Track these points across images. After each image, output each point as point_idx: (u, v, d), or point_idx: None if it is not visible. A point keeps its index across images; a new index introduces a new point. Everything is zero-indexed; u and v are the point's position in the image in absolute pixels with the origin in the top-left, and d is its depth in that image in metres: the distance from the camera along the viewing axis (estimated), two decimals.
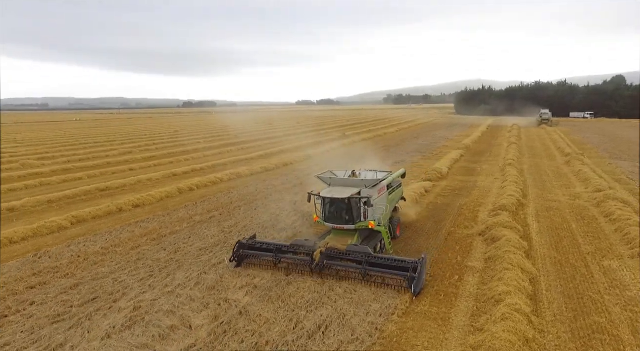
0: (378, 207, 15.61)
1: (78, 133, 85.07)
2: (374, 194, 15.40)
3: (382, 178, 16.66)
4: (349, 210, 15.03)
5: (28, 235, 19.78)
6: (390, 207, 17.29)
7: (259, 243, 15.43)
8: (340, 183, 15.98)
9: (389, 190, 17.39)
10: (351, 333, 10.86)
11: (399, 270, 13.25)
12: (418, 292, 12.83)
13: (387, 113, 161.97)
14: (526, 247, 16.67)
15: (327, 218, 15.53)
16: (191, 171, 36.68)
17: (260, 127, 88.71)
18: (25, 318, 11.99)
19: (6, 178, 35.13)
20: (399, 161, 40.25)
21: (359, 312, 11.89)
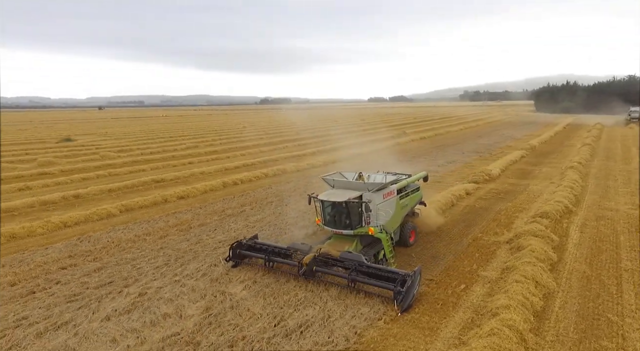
0: (382, 213, 14.84)
1: (159, 128, 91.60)
2: (377, 199, 14.69)
3: (388, 182, 15.56)
4: (347, 214, 14.47)
5: (80, 220, 21.89)
6: (402, 212, 16.32)
7: (259, 244, 15.35)
8: (344, 186, 15.41)
9: (402, 194, 16.41)
10: (329, 335, 10.78)
11: (388, 282, 12.37)
12: (406, 309, 11.82)
13: (459, 110, 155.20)
14: (554, 259, 15.33)
15: (327, 222, 15.01)
16: (242, 166, 38.11)
17: (324, 124, 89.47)
18: (47, 296, 13.36)
19: (84, 169, 38.99)
20: (450, 161, 38.63)
21: (346, 315, 11.75)
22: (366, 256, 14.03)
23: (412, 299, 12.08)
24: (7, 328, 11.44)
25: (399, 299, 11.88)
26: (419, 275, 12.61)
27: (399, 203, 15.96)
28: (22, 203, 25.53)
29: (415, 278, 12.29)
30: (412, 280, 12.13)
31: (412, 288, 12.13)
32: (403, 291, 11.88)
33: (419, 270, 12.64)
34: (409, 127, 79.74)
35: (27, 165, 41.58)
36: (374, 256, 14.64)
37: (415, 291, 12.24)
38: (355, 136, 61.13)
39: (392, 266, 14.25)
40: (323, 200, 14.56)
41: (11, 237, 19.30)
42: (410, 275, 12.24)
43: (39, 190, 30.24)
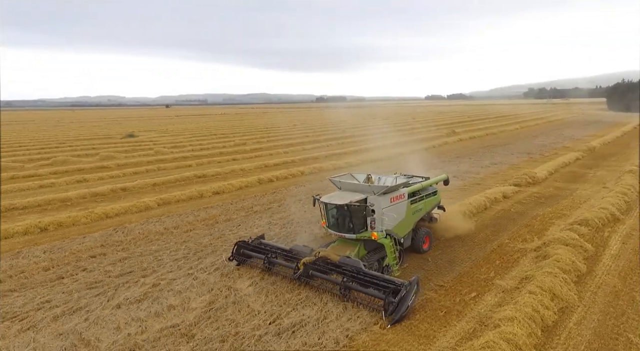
0: (387, 217, 14.24)
1: (215, 126, 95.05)
2: (383, 202, 14.14)
3: (395, 185, 14.91)
4: (350, 218, 14.09)
5: (121, 212, 23.30)
6: (414, 217, 15.65)
7: (263, 244, 15.38)
8: (350, 188, 15.03)
9: (415, 198, 15.71)
10: (319, 336, 10.73)
11: (381, 291, 11.82)
12: (397, 320, 11.21)
13: (519, 109, 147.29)
14: (582, 270, 14.23)
15: (330, 225, 14.68)
16: (282, 163, 38.71)
17: (373, 123, 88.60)
18: (72, 282, 14.38)
19: (137, 163, 41.47)
20: (496, 162, 36.86)
21: (342, 317, 11.62)
22: (369, 262, 13.68)
23: (406, 311, 11.46)
24: (31, 309, 12.45)
25: (389, 310, 11.36)
26: (416, 285, 11.93)
27: (410, 208, 15.32)
28: (76, 194, 27.59)
29: (410, 289, 11.64)
30: (406, 291, 11.52)
31: (406, 299, 11.49)
32: (395, 302, 11.32)
33: (415, 280, 11.98)
34: (461, 126, 76.97)
35: (90, 159, 44.87)
36: (377, 262, 14.18)
37: (410, 303, 11.60)
38: (402, 135, 60.02)
39: (395, 274, 13.83)
40: (325, 202, 14.25)
41: (58, 226, 20.93)
42: (405, 285, 11.62)
43: (94, 183, 32.52)
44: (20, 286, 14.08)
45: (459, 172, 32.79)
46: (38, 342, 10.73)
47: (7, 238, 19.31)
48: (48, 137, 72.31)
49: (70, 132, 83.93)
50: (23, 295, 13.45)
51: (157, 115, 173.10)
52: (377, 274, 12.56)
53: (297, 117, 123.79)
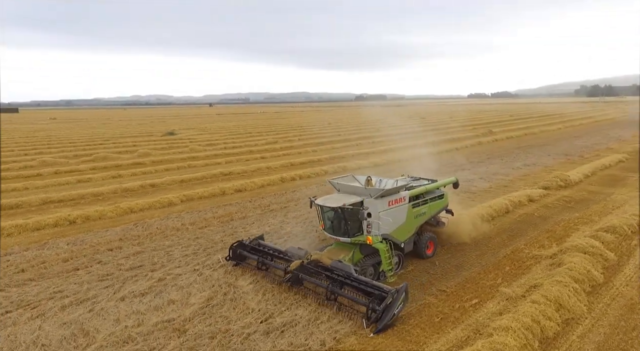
0: (384, 221, 13.77)
1: (252, 124, 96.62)
2: (380, 206, 13.73)
3: (394, 188, 14.47)
4: (345, 221, 13.74)
5: (145, 207, 24.19)
6: (416, 221, 15.12)
7: (261, 245, 15.34)
8: (348, 191, 14.72)
9: (417, 202, 15.30)
10: (307, 337, 10.70)
11: (367, 297, 11.53)
12: (381, 329, 10.79)
13: (568, 108, 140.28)
14: (598, 280, 13.44)
15: (326, 227, 14.41)
16: (308, 162, 38.86)
17: (409, 121, 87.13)
18: (86, 273, 15.08)
19: (171, 160, 42.84)
20: (529, 164, 35.36)
21: (334, 319, 11.53)
22: (363, 267, 13.37)
23: (391, 319, 11.02)
24: (43, 299, 13.17)
25: (372, 318, 11.02)
26: (404, 293, 11.40)
27: (411, 211, 14.87)
28: (108, 189, 28.92)
29: (397, 297, 11.18)
30: (392, 299, 11.13)
31: (392, 308, 11.05)
32: (379, 310, 10.94)
33: (403, 287, 11.48)
34: (499, 125, 74.30)
35: (129, 156, 46.69)
36: (373, 267, 13.78)
37: (396, 311, 11.15)
38: (435, 134, 58.74)
39: (390, 280, 13.45)
40: (319, 204, 14.04)
41: (86, 219, 22.01)
42: (392, 292, 11.21)
43: (127, 178, 33.91)
44: (38, 276, 14.92)
45: (487, 173, 31.72)
46: (43, 330, 11.33)
47: (38, 229, 20.51)
48: (96, 134, 75.87)
49: (117, 129, 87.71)
50: (39, 284, 14.25)
51: (200, 113, 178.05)
52: (367, 280, 12.18)
53: (334, 116, 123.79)
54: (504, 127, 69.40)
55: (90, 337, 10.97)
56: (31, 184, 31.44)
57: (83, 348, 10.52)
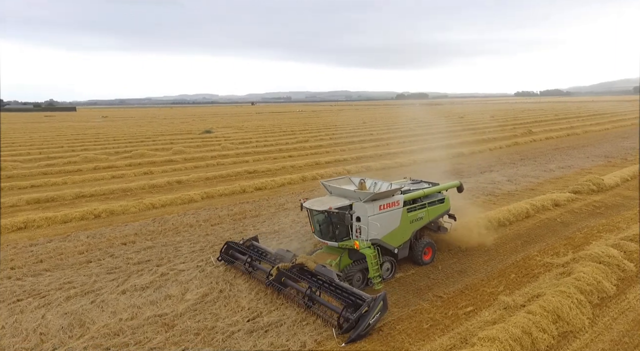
0: (373, 226, 13.32)
1: (288, 122, 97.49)
2: (369, 210, 13.28)
3: (384, 191, 13.86)
4: (332, 225, 13.47)
5: (166, 203, 25.00)
6: (412, 226, 14.60)
7: (253, 246, 15.34)
8: (339, 194, 14.38)
9: (414, 206, 14.71)
10: (288, 338, 10.72)
11: (343, 304, 11.15)
12: (354, 339, 10.39)
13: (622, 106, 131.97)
14: (609, 292, 12.63)
15: (316, 231, 14.18)
16: (333, 161, 38.76)
17: (446, 121, 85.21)
18: (96, 266, 15.80)
19: (202, 158, 43.98)
20: (564, 166, 33.60)
21: (320, 321, 11.49)
22: (349, 272, 13.03)
23: (366, 329, 10.60)
24: (52, 289, 13.92)
25: (345, 327, 10.63)
26: (381, 302, 10.95)
27: (406, 216, 14.38)
28: (137, 185, 30.11)
29: (373, 306, 10.75)
30: (368, 307, 10.73)
31: (367, 317, 10.62)
32: (352, 319, 10.57)
33: (381, 297, 11.03)
34: (541, 125, 71.08)
35: (164, 153, 48.41)
36: (361, 273, 13.35)
37: (372, 321, 10.69)
38: (471, 134, 57.08)
39: (377, 287, 13.05)
40: (307, 207, 13.81)
41: (110, 213, 23.05)
42: (368, 301, 10.81)
43: (157, 175, 35.20)
44: (54, 267, 15.78)
45: (516, 175, 30.43)
46: (45, 319, 11.96)
47: (66, 222, 21.69)
48: (139, 132, 79.04)
49: (160, 127, 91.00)
50: (53, 274, 15.07)
51: (241, 112, 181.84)
52: (347, 286, 11.81)
53: (370, 115, 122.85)
54: (546, 127, 66.33)
55: (85, 328, 11.47)
56: (70, 179, 33.26)
57: (77, 338, 11.03)
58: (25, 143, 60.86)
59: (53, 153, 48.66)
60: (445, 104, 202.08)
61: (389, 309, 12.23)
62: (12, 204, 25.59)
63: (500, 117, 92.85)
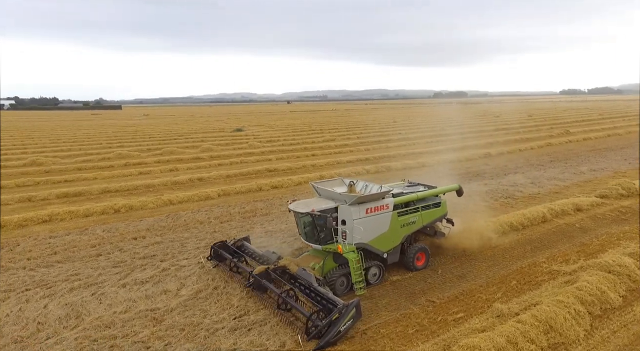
0: (359, 229, 12.99)
1: (319, 121, 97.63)
2: (355, 213, 12.98)
3: (371, 194, 13.55)
4: (316, 227, 13.21)
5: (184, 200, 25.65)
6: (402, 230, 14.19)
7: (243, 247, 15.35)
8: (327, 196, 14.10)
9: (405, 210, 14.30)
10: (269, 338, 10.76)
11: (315, 310, 10.90)
12: (321, 347, 10.12)
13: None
14: (614, 303, 11.92)
15: (302, 233, 13.99)
16: (355, 161, 38.50)
17: (481, 120, 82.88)
18: (105, 259, 16.41)
19: (228, 155, 44.79)
20: (597, 169, 31.92)
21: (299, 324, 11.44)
22: (331, 277, 12.77)
23: (336, 336, 10.31)
24: (59, 280, 14.59)
25: (313, 333, 10.36)
26: (354, 309, 10.66)
27: (397, 220, 13.99)
28: (160, 181, 31.09)
29: (344, 313, 10.47)
30: (339, 314, 10.44)
31: (337, 324, 10.33)
32: (320, 325, 10.31)
33: (353, 304, 10.72)
34: (581, 125, 67.81)
35: (193, 150, 49.58)
36: (345, 277, 13.04)
37: (342, 328, 10.41)
38: (504, 134, 55.25)
39: (359, 293, 12.77)
40: (291, 209, 13.65)
41: (129, 208, 23.90)
42: (340, 308, 10.54)
43: (182, 172, 36.11)
44: (65, 259, 16.55)
45: (542, 178, 29.19)
46: (47, 309, 12.56)
47: (87, 216, 22.67)
48: (174, 129, 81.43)
49: (195, 125, 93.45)
50: (63, 266, 15.80)
51: (276, 110, 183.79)
52: (323, 291, 11.59)
53: (404, 114, 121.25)
54: (585, 127, 63.25)
55: (80, 319, 11.95)
56: (100, 175, 34.76)
57: (70, 328, 11.50)
58: (68, 139, 63.97)
59: (91, 150, 50.95)
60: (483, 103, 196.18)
61: (377, 312, 12.15)
62: (43, 198, 27.00)
63: (538, 117, 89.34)
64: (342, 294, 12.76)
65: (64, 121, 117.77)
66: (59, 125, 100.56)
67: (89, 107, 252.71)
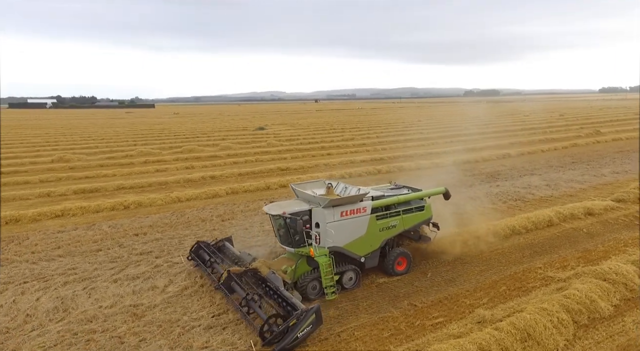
0: (332, 233, 12.70)
1: (343, 120, 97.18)
2: (329, 216, 12.70)
3: (345, 197, 13.25)
4: (288, 230, 13.01)
5: (192, 197, 26.09)
6: (381, 234, 13.83)
7: (224, 248, 15.31)
8: (304, 198, 13.83)
9: (385, 213, 13.95)
10: (240, 337, 10.76)
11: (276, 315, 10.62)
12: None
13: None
14: (603, 313, 11.38)
15: (277, 235, 13.82)
16: (368, 160, 38.15)
17: (507, 120, 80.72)
18: (103, 255, 16.85)
19: (244, 154, 45.30)
20: (618, 172, 30.49)
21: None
22: (303, 281, 12.61)
23: (292, 343, 10.04)
24: (56, 274, 15.09)
25: (268, 338, 10.13)
26: (313, 316, 10.32)
27: (375, 224, 13.67)
28: (174, 179, 31.72)
29: (303, 319, 10.16)
30: (297, 320, 10.15)
31: (295, 330, 10.03)
32: (276, 331, 10.07)
33: (313, 309, 10.39)
34: (614, 124, 64.92)
35: (212, 149, 50.25)
36: (318, 282, 12.84)
37: (300, 334, 10.10)
38: (530, 133, 53.58)
39: (330, 298, 12.55)
40: (265, 210, 13.51)
41: (138, 205, 24.48)
42: (298, 313, 10.25)
43: (197, 170, 36.66)
44: (67, 253, 17.12)
45: (559, 180, 28.13)
46: (38, 301, 12.99)
47: (97, 212, 23.39)
48: (199, 128, 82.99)
49: (220, 124, 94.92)
50: (63, 260, 16.35)
51: (302, 109, 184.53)
52: (287, 295, 11.35)
53: (430, 112, 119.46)
54: (618, 127, 60.55)
55: (67, 312, 12.32)
56: (119, 172, 35.81)
57: (56, 321, 11.86)
58: (98, 137, 66.18)
59: (116, 147, 52.49)
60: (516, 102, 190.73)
61: (356, 314, 12.03)
62: (61, 193, 28.06)
63: (570, 116, 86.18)
64: (315, 298, 12.64)
65: (99, 119, 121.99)
66: (93, 123, 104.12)
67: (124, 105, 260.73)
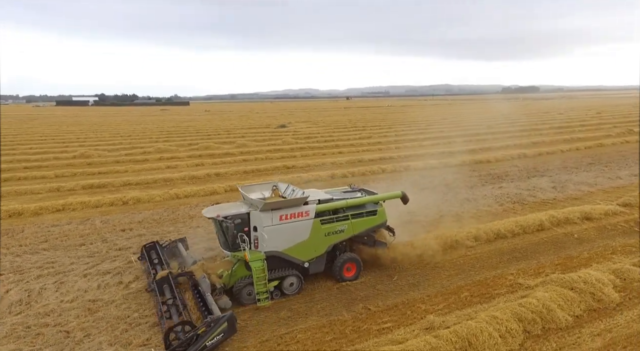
0: (267, 237, 12.51)
1: (367, 118, 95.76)
2: (266, 219, 12.49)
3: (285, 200, 13.00)
4: (224, 234, 12.77)
5: (190, 194, 26.46)
6: (327, 239, 13.43)
7: (176, 249, 15.24)
8: (247, 201, 13.50)
9: (331, 217, 13.53)
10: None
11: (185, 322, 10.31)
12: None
13: None
14: (560, 324, 10.78)
15: (218, 238, 13.57)
16: (378, 159, 37.59)
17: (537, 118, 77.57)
18: (84, 249, 17.20)
19: (257, 151, 45.53)
20: (636, 174, 28.66)
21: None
22: (238, 287, 12.36)
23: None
24: (35, 267, 15.54)
25: (173, 345, 9.76)
26: (225, 324, 9.99)
27: (320, 228, 13.27)
28: (179, 175, 32.25)
29: (212, 327, 9.82)
30: (206, 328, 9.82)
31: (203, 338, 9.66)
32: (182, 339, 9.73)
33: (225, 317, 10.08)
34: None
35: (228, 146, 50.67)
36: (251, 286, 12.49)
37: (210, 343, 9.72)
38: (556, 133, 51.33)
39: (262, 304, 12.26)
40: (203, 213, 13.24)
41: (137, 201, 25.03)
42: (208, 321, 9.96)
43: (207, 167, 37.21)
44: (51, 247, 17.70)
45: (568, 182, 26.75)
46: (8, 293, 13.46)
47: (97, 207, 24.05)
48: (224, 125, 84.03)
49: (245, 121, 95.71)
50: (45, 254, 16.88)
51: (331, 107, 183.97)
52: (210, 301, 11.23)
53: (460, 110, 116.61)
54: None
55: (29, 306, 12.67)
56: (131, 168, 36.78)
57: (15, 314, 12.20)
58: (125, 133, 68.16)
59: (138, 144, 53.91)
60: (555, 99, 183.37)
61: (306, 316, 11.82)
62: (70, 188, 29.03)
63: (607, 114, 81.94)
64: (249, 304, 12.44)
65: (133, 116, 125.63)
66: (126, 120, 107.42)
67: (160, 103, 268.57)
